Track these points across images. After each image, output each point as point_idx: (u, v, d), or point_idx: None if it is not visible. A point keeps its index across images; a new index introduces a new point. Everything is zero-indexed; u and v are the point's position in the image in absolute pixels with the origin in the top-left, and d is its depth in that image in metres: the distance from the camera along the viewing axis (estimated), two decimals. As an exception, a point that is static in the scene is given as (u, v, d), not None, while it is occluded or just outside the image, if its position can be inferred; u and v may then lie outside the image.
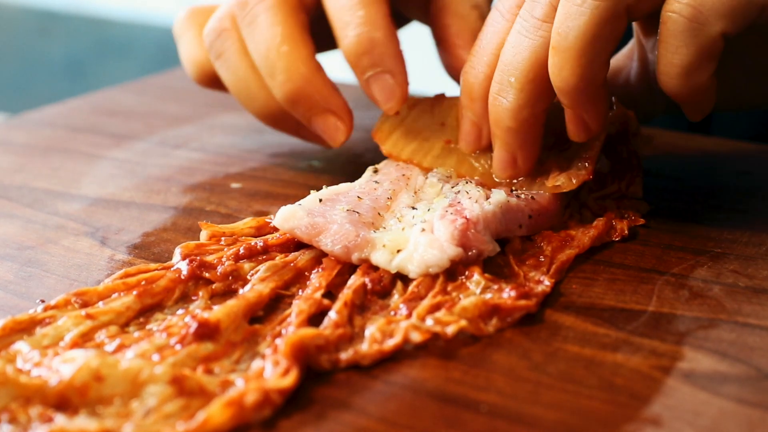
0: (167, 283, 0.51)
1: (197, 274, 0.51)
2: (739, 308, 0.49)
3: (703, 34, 0.51)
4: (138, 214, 0.63)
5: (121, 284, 0.50)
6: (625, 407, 0.42)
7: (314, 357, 0.45)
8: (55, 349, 0.45)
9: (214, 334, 0.46)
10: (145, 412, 0.41)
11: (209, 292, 0.51)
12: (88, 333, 0.47)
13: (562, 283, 0.52)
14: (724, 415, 0.42)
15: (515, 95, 0.55)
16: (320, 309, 0.49)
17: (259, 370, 0.44)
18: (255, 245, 0.54)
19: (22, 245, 0.59)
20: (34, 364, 0.44)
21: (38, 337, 0.46)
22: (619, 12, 0.52)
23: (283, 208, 0.55)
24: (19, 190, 0.68)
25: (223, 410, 0.41)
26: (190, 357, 0.45)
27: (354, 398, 0.43)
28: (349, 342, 0.46)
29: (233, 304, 0.48)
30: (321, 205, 0.55)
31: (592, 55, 0.53)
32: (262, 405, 0.42)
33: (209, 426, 0.41)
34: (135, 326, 0.48)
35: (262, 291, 0.50)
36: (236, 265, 0.52)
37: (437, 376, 0.45)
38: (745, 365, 0.45)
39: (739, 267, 0.53)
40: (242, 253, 0.53)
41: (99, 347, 0.46)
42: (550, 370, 0.45)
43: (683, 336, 0.47)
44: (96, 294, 0.50)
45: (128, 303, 0.49)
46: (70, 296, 0.49)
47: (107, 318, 0.48)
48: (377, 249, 0.52)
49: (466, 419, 0.42)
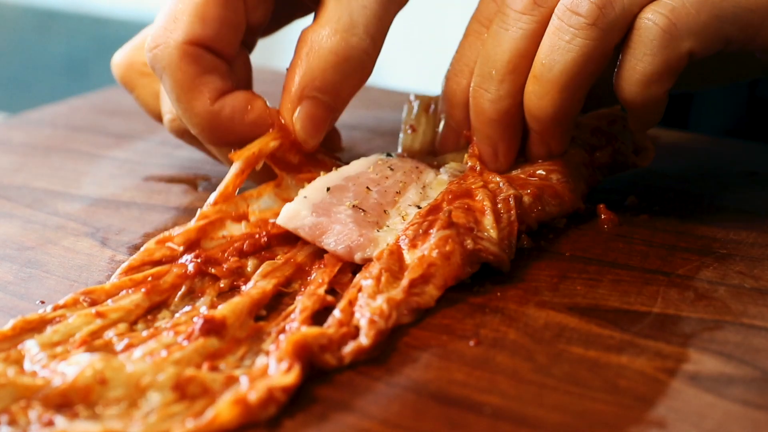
0: (174, 279, 0.51)
1: (203, 270, 0.52)
2: (745, 310, 0.49)
3: (672, 47, 0.52)
4: (139, 215, 0.63)
5: (128, 281, 0.51)
6: (629, 409, 0.42)
7: (318, 355, 0.45)
8: (65, 347, 0.46)
9: (220, 330, 0.46)
10: (147, 413, 0.41)
11: (216, 289, 0.51)
12: (97, 331, 0.47)
13: (566, 283, 0.52)
14: (730, 417, 0.41)
15: (496, 86, 0.56)
16: (324, 305, 0.50)
17: (263, 368, 0.44)
18: (258, 239, 0.54)
19: (22, 246, 0.58)
20: (42, 365, 0.44)
21: (49, 334, 0.46)
22: (606, 52, 0.53)
23: (287, 206, 0.55)
24: (18, 190, 0.67)
25: (231, 408, 0.41)
26: (197, 353, 0.45)
27: (356, 400, 0.43)
28: (354, 339, 0.46)
29: (238, 301, 0.49)
30: (328, 197, 0.55)
31: (573, 90, 0.54)
32: (267, 403, 0.42)
33: (217, 424, 0.41)
34: (143, 323, 0.49)
35: (265, 288, 0.51)
36: (240, 261, 0.53)
37: (440, 378, 0.44)
38: (751, 367, 0.44)
39: (745, 268, 0.53)
40: (246, 249, 0.54)
41: (108, 345, 0.46)
42: (554, 371, 0.44)
43: (688, 338, 0.47)
44: (104, 292, 0.50)
45: (137, 301, 0.49)
46: (78, 295, 0.49)
47: (116, 315, 0.48)
48: (379, 248, 0.52)
49: (470, 421, 0.41)
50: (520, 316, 0.49)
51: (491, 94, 0.56)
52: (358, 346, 0.46)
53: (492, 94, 0.56)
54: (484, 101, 0.57)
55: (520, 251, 0.55)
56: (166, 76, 0.57)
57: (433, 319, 0.49)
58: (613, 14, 0.53)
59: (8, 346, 0.46)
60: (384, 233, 0.53)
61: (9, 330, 0.46)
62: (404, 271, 0.50)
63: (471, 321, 0.49)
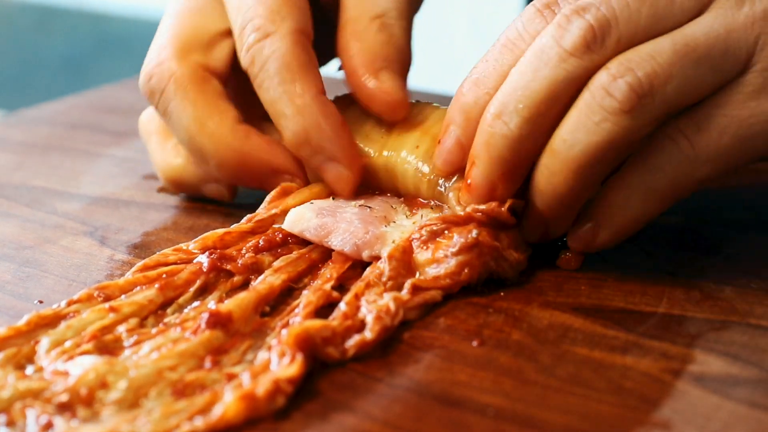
0: (188, 275, 0.51)
1: (218, 266, 0.52)
2: (751, 310, 0.49)
3: (688, 172, 0.50)
4: (138, 213, 0.62)
5: (142, 278, 0.51)
6: (634, 411, 0.41)
7: (321, 348, 0.45)
8: (74, 340, 0.46)
9: (227, 324, 0.46)
10: (149, 410, 0.41)
11: (228, 285, 0.51)
12: (109, 326, 0.47)
13: (570, 283, 0.52)
14: (736, 418, 0.41)
15: (520, 124, 0.49)
16: (329, 301, 0.50)
17: (265, 362, 0.44)
18: (275, 236, 0.54)
19: (20, 245, 0.58)
20: (50, 361, 0.44)
21: (62, 329, 0.46)
22: (632, 140, 0.49)
23: (293, 210, 0.55)
24: (16, 188, 0.67)
25: (237, 404, 0.41)
26: (202, 346, 0.45)
27: (358, 401, 0.43)
28: (358, 333, 0.46)
29: (244, 296, 0.49)
30: (334, 201, 0.55)
31: (592, 174, 0.49)
32: (274, 395, 0.42)
33: (225, 420, 0.41)
34: (153, 319, 0.49)
35: (273, 283, 0.51)
36: (256, 257, 0.53)
37: (443, 379, 0.44)
38: (757, 368, 0.44)
39: (752, 268, 0.53)
40: (262, 245, 0.54)
41: (117, 340, 0.46)
42: (558, 372, 0.44)
43: (694, 338, 0.46)
44: (118, 288, 0.50)
45: (150, 296, 0.49)
46: (93, 290, 0.49)
47: (129, 310, 0.48)
48: (387, 245, 0.51)
49: (473, 423, 0.41)
50: (523, 316, 0.49)
51: (512, 132, 0.50)
52: (362, 340, 0.46)
53: (513, 132, 0.50)
54: (501, 136, 0.50)
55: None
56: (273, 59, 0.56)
57: (436, 319, 0.49)
58: (651, 106, 0.48)
59: (23, 342, 0.46)
60: (392, 229, 0.53)
61: (24, 325, 0.46)
62: (414, 270, 0.50)
63: (474, 321, 0.48)
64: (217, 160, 0.58)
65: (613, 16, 0.49)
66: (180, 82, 0.58)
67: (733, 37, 0.49)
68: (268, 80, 0.56)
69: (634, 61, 0.48)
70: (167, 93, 0.58)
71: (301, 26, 0.57)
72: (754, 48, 0.49)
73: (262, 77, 0.56)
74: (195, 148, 0.58)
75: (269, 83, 0.56)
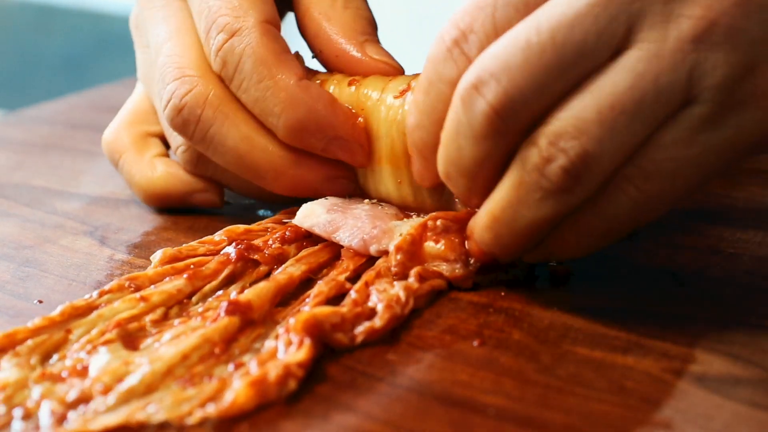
0: (216, 265, 0.52)
1: (245, 256, 0.52)
2: (753, 310, 0.49)
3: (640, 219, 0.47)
4: (138, 213, 0.62)
5: (170, 269, 0.51)
6: (635, 411, 0.41)
7: (329, 334, 0.45)
8: (100, 328, 0.46)
9: (246, 312, 0.47)
10: (160, 397, 0.42)
11: (254, 275, 0.52)
12: (137, 315, 0.48)
13: (571, 282, 0.52)
14: (737, 418, 0.41)
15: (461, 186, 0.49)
16: (342, 291, 0.50)
17: (271, 350, 0.44)
18: (300, 227, 0.55)
19: (19, 245, 0.58)
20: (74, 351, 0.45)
21: (93, 318, 0.47)
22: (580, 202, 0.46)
23: (304, 206, 0.55)
24: (16, 188, 0.67)
25: (248, 389, 0.41)
26: (217, 332, 0.45)
27: (358, 401, 0.42)
28: (368, 320, 0.47)
29: (263, 285, 0.49)
30: (348, 199, 0.56)
31: (531, 239, 0.48)
32: (285, 379, 0.42)
33: (236, 406, 0.41)
34: (178, 308, 0.49)
35: (293, 273, 0.51)
36: (282, 248, 0.53)
37: (444, 379, 0.44)
38: (759, 368, 0.44)
39: (753, 267, 0.53)
40: (288, 236, 0.54)
41: (142, 329, 0.47)
42: (559, 372, 0.44)
43: (695, 338, 0.46)
44: (147, 278, 0.50)
45: (179, 286, 0.50)
46: (124, 281, 0.50)
47: (159, 299, 0.49)
48: (395, 239, 0.51)
49: (473, 423, 0.41)
50: (524, 316, 0.49)
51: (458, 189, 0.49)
52: (372, 327, 0.46)
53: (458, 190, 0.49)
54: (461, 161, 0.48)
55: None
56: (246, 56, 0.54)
57: (437, 319, 0.49)
58: (590, 176, 0.45)
59: (55, 331, 0.46)
60: (400, 223, 0.53)
61: (58, 315, 0.47)
62: (422, 261, 0.51)
63: (475, 321, 0.48)
64: (273, 174, 0.56)
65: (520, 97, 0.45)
66: (213, 104, 0.55)
67: (662, 80, 0.43)
68: (246, 80, 0.54)
69: (562, 136, 0.45)
70: (204, 119, 0.56)
71: (267, 16, 0.55)
72: (689, 82, 0.43)
73: (239, 78, 0.54)
74: (246, 167, 0.56)
75: (248, 83, 0.54)
